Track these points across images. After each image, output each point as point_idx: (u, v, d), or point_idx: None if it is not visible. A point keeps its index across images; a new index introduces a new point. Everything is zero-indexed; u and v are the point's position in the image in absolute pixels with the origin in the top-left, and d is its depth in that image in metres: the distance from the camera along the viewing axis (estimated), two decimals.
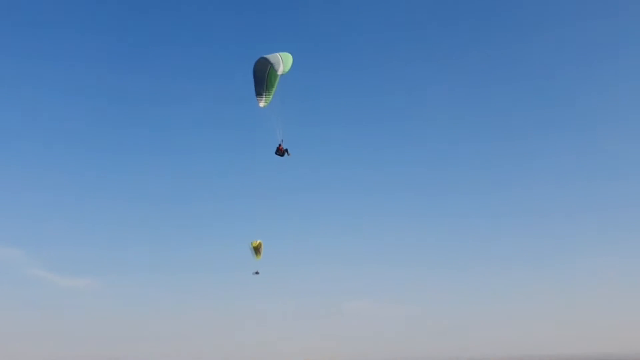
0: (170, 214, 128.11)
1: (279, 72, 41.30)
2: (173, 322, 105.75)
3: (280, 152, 43.24)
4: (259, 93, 44.31)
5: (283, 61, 41.48)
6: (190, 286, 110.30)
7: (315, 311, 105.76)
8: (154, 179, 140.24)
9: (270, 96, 44.50)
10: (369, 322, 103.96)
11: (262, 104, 44.73)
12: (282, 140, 43.35)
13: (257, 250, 66.47)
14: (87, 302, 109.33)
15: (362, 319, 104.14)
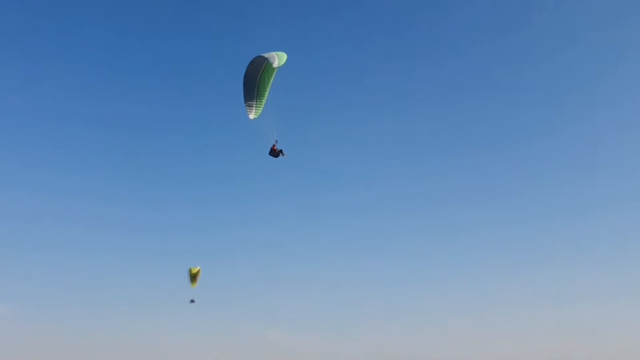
0: (88, 239, 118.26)
1: (275, 65, 37.24)
2: (90, 351, 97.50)
3: (275, 152, 41.73)
4: (248, 101, 39.74)
5: (278, 56, 37.58)
6: (112, 315, 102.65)
7: (237, 340, 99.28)
8: (70, 201, 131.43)
9: (261, 107, 40.07)
10: (289, 351, 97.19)
11: (252, 116, 39.93)
12: (276, 141, 41.56)
13: (194, 277, 65.12)
14: (3, 329, 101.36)
15: (283, 348, 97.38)
